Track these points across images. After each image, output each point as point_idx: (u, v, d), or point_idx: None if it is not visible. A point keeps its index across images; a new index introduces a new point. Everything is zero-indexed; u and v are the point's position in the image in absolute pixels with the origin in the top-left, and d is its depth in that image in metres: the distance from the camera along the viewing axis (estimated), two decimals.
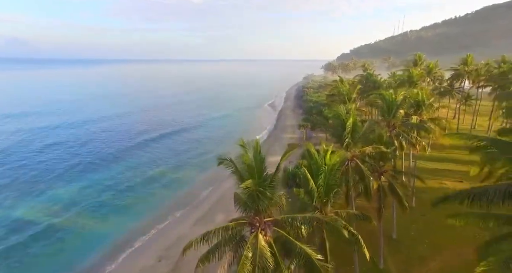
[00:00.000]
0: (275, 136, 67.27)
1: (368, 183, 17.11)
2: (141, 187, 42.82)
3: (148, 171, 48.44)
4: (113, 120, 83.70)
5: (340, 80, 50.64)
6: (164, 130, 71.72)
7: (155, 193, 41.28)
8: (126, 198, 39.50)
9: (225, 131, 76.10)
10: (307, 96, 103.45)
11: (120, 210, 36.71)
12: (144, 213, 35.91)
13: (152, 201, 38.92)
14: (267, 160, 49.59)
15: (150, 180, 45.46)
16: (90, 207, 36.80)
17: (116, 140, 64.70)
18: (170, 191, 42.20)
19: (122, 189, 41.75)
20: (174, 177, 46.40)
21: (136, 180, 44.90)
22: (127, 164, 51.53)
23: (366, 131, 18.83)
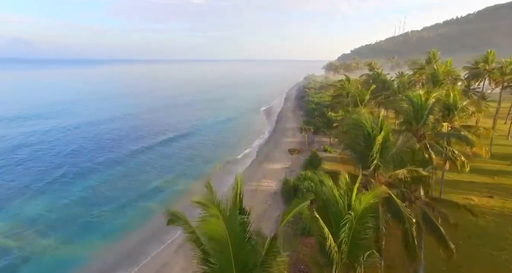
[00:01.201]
0: (274, 140, 62.25)
1: (409, 228, 11.93)
2: (126, 199, 37.82)
3: (137, 181, 43.46)
4: (107, 123, 78.07)
5: (346, 79, 45.70)
6: (156, 136, 65.27)
7: (142, 206, 36.27)
8: (104, 213, 34.48)
9: (222, 135, 71.09)
10: (308, 97, 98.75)
11: (99, 228, 31.70)
12: (129, 231, 30.93)
13: (138, 217, 33.92)
14: (265, 168, 43.74)
15: (138, 191, 40.47)
16: (60, 224, 31.82)
17: (107, 146, 59.35)
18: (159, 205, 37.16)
19: (101, 202, 36.74)
20: (164, 187, 41.40)
21: (121, 192, 39.94)
22: (112, 173, 46.44)
23: (400, 148, 13.79)
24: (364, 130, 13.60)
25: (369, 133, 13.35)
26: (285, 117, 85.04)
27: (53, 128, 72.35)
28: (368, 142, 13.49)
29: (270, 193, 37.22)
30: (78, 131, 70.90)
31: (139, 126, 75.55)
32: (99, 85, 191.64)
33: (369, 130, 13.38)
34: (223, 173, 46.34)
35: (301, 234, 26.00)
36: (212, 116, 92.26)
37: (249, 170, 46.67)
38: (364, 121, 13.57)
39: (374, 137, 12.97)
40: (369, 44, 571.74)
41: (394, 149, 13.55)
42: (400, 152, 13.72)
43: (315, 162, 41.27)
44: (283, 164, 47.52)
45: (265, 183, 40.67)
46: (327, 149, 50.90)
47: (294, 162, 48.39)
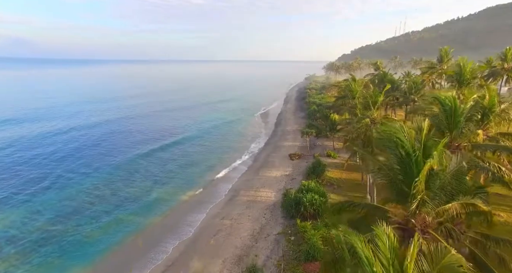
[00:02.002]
0: (273, 144, 58.40)
1: None
2: (106, 211, 33.96)
3: (122, 191, 39.56)
4: (100, 127, 73.65)
5: (352, 79, 41.89)
6: (150, 142, 60.16)
7: (123, 219, 32.39)
8: (77, 229, 30.62)
9: (220, 137, 67.18)
10: (309, 98, 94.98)
11: (70, 249, 27.85)
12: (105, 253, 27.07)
13: (117, 232, 30.05)
14: (263, 175, 38.91)
15: (123, 202, 36.61)
16: (29, 245, 27.95)
17: (92, 153, 55.20)
18: (144, 218, 33.27)
19: (75, 218, 32.87)
20: (149, 199, 37.45)
21: (102, 204, 36.10)
22: (94, 182, 42.59)
23: (456, 173, 9.79)
24: (401, 148, 9.56)
25: (409, 154, 9.37)
26: (285, 119, 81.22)
27: (43, 132, 68.30)
28: (406, 166, 9.55)
29: (269, 205, 33.38)
30: (68, 135, 66.95)
31: (134, 131, 71.27)
32: (97, 86, 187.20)
33: (409, 150, 9.37)
34: (219, 182, 42.61)
35: (305, 259, 22.14)
36: (209, 119, 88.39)
37: (246, 177, 42.86)
38: (401, 136, 9.51)
39: (417, 160, 9.00)
40: (369, 45, 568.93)
41: (444, 175, 9.68)
42: (454, 180, 9.82)
43: (318, 170, 37.44)
44: (283, 171, 43.70)
45: (263, 193, 36.85)
46: (330, 154, 47.09)
47: (295, 168, 44.59)
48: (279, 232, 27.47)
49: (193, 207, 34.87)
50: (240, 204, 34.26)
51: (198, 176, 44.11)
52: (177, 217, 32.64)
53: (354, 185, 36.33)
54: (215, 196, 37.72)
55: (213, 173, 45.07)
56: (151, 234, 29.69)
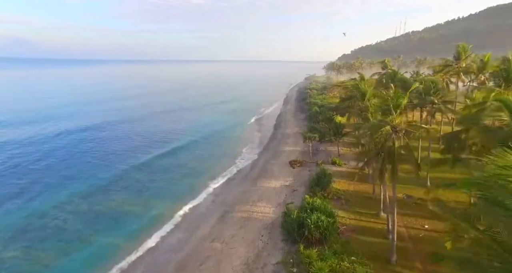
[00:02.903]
0: (273, 149, 53.88)
1: None
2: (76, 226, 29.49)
3: (101, 205, 35.08)
4: (93, 131, 68.27)
5: (360, 78, 37.38)
6: (144, 148, 55.41)
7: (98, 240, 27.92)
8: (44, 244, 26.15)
9: (216, 142, 62.73)
10: (310, 99, 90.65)
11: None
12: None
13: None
14: (261, 186, 32.95)
15: (99, 220, 32.14)
16: None
17: (78, 160, 50.51)
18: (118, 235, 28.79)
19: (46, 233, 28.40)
20: (129, 216, 32.91)
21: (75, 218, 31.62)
22: (73, 194, 38.07)
23: None
24: None
25: None
26: (284, 121, 76.70)
27: (31, 136, 63.57)
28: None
29: (267, 224, 28.87)
30: (57, 140, 62.29)
31: (128, 135, 65.95)
32: (96, 86, 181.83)
33: None
34: (211, 194, 38.09)
35: None
36: (207, 121, 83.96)
37: (242, 188, 38.32)
38: None
39: None
40: (369, 45, 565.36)
41: None
42: None
43: (323, 182, 32.92)
44: (283, 181, 39.20)
45: (261, 208, 32.34)
46: (335, 161, 42.61)
47: (296, 178, 40.09)
48: (279, 261, 22.93)
49: (180, 226, 30.39)
50: (233, 223, 29.74)
51: (188, 187, 39.57)
52: (159, 240, 28.08)
53: (364, 200, 31.85)
54: (206, 211, 33.21)
55: (206, 184, 40.54)
56: (125, 262, 25.16)
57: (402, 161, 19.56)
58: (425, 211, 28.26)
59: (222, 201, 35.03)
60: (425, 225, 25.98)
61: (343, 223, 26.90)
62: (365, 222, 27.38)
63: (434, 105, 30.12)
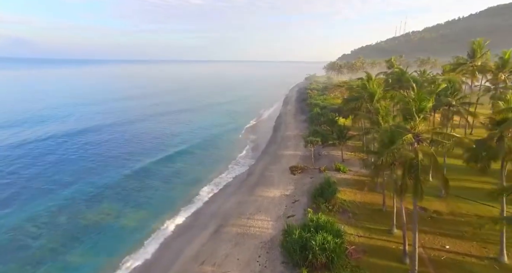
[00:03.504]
0: (272, 154, 50.63)
1: None
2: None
3: (82, 218, 31.85)
4: (86, 134, 64.36)
5: (367, 77, 34.14)
6: (136, 154, 51.11)
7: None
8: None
9: (213, 145, 59.59)
10: (311, 99, 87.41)
11: None
12: None
13: None
14: (259, 195, 29.57)
15: (78, 234, 28.90)
16: None
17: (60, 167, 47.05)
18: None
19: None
20: (112, 231, 29.66)
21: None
22: (53, 204, 34.84)
23: None
24: None
25: None
26: (284, 123, 73.41)
27: (20, 139, 60.17)
28: None
29: (265, 242, 25.60)
30: (46, 144, 58.85)
31: (121, 139, 61.98)
32: (95, 86, 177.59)
33: None
34: (205, 205, 34.88)
35: None
36: (205, 123, 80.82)
37: (238, 198, 35.08)
38: None
39: None
40: (369, 45, 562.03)
41: None
42: None
43: (328, 192, 29.65)
44: (283, 189, 35.95)
45: (258, 222, 29.09)
46: (340, 168, 39.31)
47: (298, 186, 36.84)
48: None
49: (167, 244, 27.15)
50: (227, 239, 26.47)
51: (180, 197, 36.40)
52: (140, 264, 24.75)
53: (373, 212, 28.57)
54: (197, 225, 29.97)
55: (199, 193, 37.34)
56: None
57: (426, 176, 16.31)
58: (443, 227, 25.03)
59: (215, 213, 31.77)
60: (446, 245, 22.71)
61: (351, 241, 23.64)
62: (376, 240, 24.11)
63: (452, 107, 26.92)
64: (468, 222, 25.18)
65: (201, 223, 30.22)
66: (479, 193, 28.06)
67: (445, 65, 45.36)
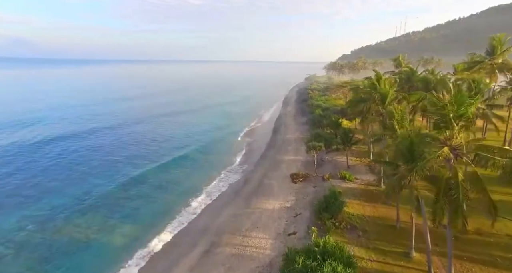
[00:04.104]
0: (271, 159, 47.19)
1: None
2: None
3: (59, 234, 28.44)
4: (76, 139, 60.00)
5: (377, 77, 30.69)
6: (123, 161, 47.22)
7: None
8: None
9: (209, 148, 56.23)
10: (312, 100, 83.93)
11: None
12: None
13: None
14: (256, 207, 25.23)
15: (48, 257, 25.47)
16: None
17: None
18: None
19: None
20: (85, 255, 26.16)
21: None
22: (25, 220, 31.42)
23: None
24: None
25: None
26: (284, 125, 69.96)
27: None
28: None
29: (263, 265, 22.18)
30: (30, 150, 55.21)
31: (114, 145, 57.20)
32: (94, 86, 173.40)
33: None
34: (196, 219, 31.46)
35: None
36: (202, 126, 77.50)
37: (232, 209, 31.65)
38: None
39: None
40: (369, 45, 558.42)
41: None
42: None
43: (334, 206, 26.16)
44: (283, 201, 32.51)
45: (255, 240, 25.65)
46: (345, 176, 35.87)
47: (299, 196, 33.39)
48: None
49: (152, 266, 23.69)
50: (220, 262, 23.05)
51: (168, 208, 33.01)
52: None
53: (386, 230, 25.09)
54: (187, 243, 26.57)
55: (189, 204, 33.94)
56: None
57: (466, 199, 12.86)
58: (470, 249, 21.54)
59: (207, 229, 28.32)
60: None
61: (363, 268, 20.21)
62: (392, 266, 20.65)
63: (477, 111, 23.57)
64: (499, 244, 21.74)
65: (190, 241, 26.78)
66: (510, 208, 24.65)
67: (459, 64, 41.94)
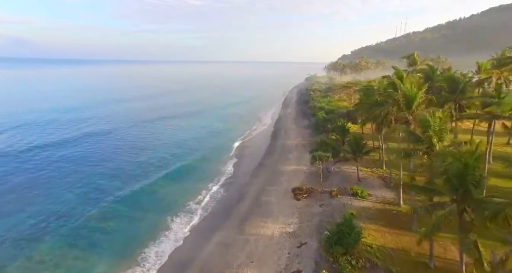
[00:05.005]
0: (269, 169, 41.61)
1: None
2: None
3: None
4: (60, 147, 52.58)
5: (398, 75, 25.11)
6: (102, 176, 40.36)
7: None
8: None
9: (201, 154, 50.78)
10: (313, 102, 78.62)
11: None
12: None
13: None
14: (251, 233, 16.90)
15: None
16: None
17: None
18: None
19: None
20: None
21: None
22: None
23: None
24: None
25: None
26: (284, 128, 64.42)
27: None
28: None
29: None
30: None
31: (98, 155, 49.74)
32: (93, 87, 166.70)
33: None
34: (176, 251, 25.87)
35: None
36: (195, 130, 72.05)
37: (221, 236, 26.12)
38: None
39: None
40: (369, 45, 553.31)
41: None
42: None
43: (349, 240, 20.58)
44: (284, 224, 27.00)
45: None
46: (357, 192, 30.42)
47: (304, 218, 27.87)
48: None
49: None
50: None
51: (146, 233, 27.30)
52: None
53: (417, 269, 19.61)
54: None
55: (172, 226, 28.34)
56: None
57: None
58: None
59: (188, 264, 22.75)
60: None
61: None
62: None
63: None
64: None
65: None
66: None
67: (484, 62, 36.68)
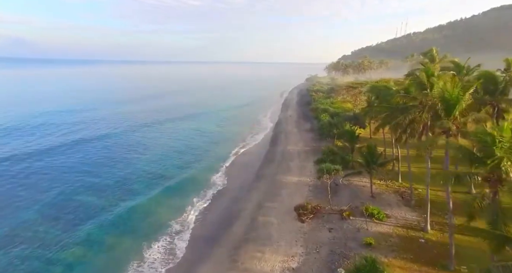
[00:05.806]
0: (268, 180, 36.39)
1: None
2: None
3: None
4: (41, 157, 46.05)
5: (429, 72, 19.89)
6: (78, 190, 34.42)
7: None
8: None
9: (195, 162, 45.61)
10: (316, 104, 73.56)
11: None
12: None
13: None
14: (246, 268, 7.05)
15: None
16: None
17: None
18: None
19: None
20: None
21: None
22: None
23: None
24: None
25: None
26: (285, 132, 59.18)
27: None
28: None
29: None
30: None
31: (83, 166, 43.99)
32: (92, 87, 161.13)
33: None
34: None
35: None
36: (189, 132, 66.90)
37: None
38: None
39: None
40: (370, 46, 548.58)
41: None
42: None
43: None
44: (286, 256, 21.79)
45: None
46: (373, 213, 25.32)
47: (309, 246, 22.68)
48: None
49: None
50: None
51: (116, 268, 22.08)
52: None
53: None
54: None
55: (149, 255, 23.12)
56: None
57: None
58: None
59: None
60: None
61: None
62: None
63: None
64: None
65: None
66: None
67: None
